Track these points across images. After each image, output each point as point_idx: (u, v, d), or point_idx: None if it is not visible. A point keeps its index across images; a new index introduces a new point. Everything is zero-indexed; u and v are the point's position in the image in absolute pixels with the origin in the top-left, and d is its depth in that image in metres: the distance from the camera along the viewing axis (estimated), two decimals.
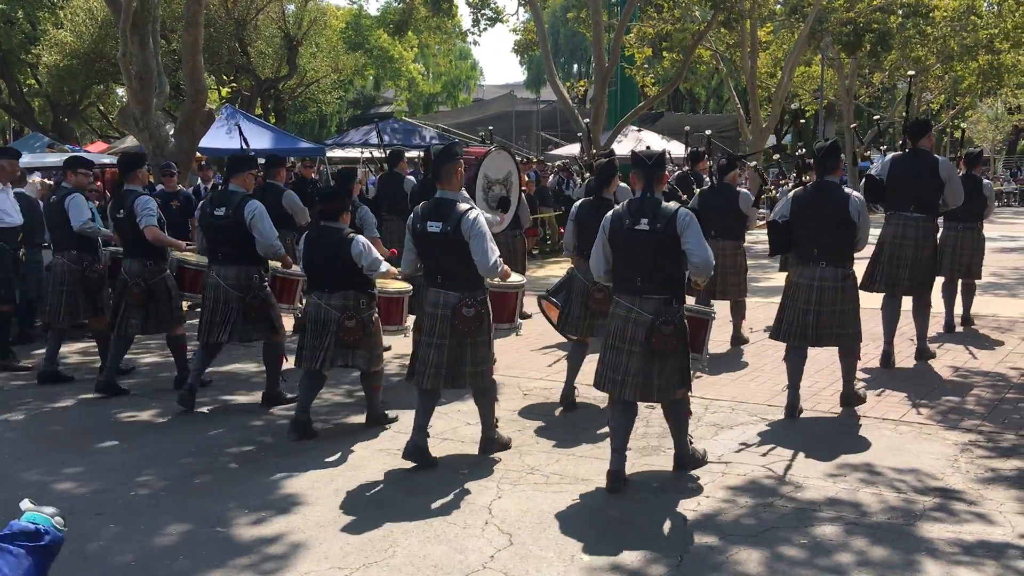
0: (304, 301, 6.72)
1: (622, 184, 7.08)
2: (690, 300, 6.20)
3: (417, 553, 4.17)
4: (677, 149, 25.12)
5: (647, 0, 21.07)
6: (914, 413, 6.37)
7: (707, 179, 9.08)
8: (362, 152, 20.69)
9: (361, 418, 6.38)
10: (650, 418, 6.33)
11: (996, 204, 13.75)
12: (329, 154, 22.72)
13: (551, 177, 19.82)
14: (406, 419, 5.98)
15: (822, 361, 7.89)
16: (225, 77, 27.87)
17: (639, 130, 24.65)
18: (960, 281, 9.27)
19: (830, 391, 6.94)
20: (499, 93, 43.26)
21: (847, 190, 6.32)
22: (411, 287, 6.51)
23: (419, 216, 5.37)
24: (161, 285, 7.13)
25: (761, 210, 11.17)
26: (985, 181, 9.35)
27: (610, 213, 5.17)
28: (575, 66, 55.36)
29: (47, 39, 25.89)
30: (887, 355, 7.76)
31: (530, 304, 7.90)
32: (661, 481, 5.10)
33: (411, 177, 10.02)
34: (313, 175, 14.77)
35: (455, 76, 59.03)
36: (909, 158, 7.69)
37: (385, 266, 5.97)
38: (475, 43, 52.41)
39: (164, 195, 10.46)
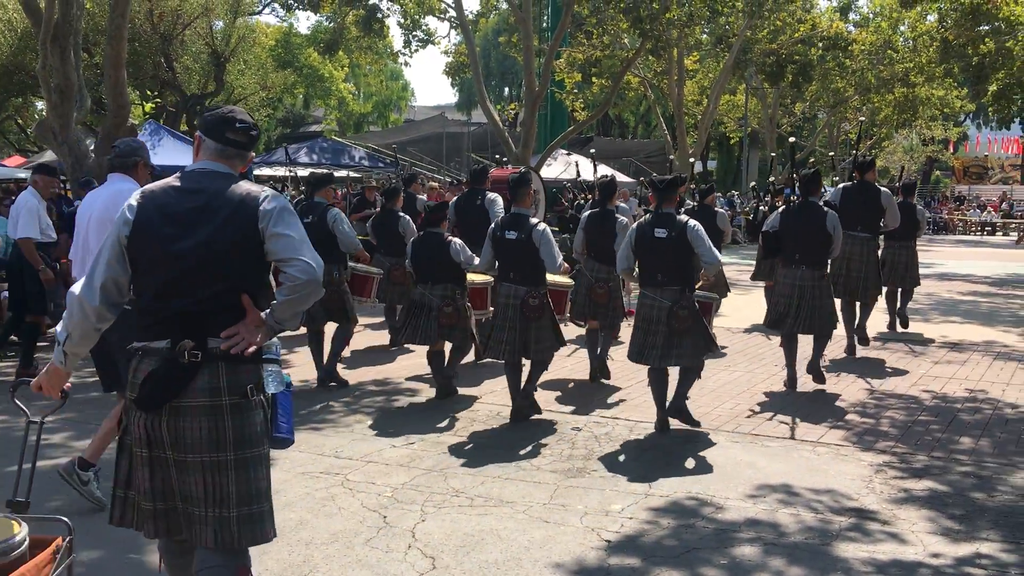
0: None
1: (622, 204, 9.20)
2: None
3: None
4: (602, 171, 25.35)
5: (577, 26, 21.38)
6: (831, 434, 6.53)
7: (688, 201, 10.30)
8: (289, 171, 20.48)
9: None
10: (575, 439, 6.36)
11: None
12: (256, 172, 22.41)
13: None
14: (311, 442, 5.86)
15: (742, 384, 8.04)
16: (149, 92, 27.30)
17: (568, 153, 24.86)
18: (899, 290, 10.72)
19: (747, 413, 7.09)
20: (430, 114, 43.32)
21: (825, 208, 7.63)
22: (492, 279, 7.55)
23: (499, 226, 6.78)
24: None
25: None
26: (919, 207, 10.81)
27: (635, 225, 6.65)
28: (506, 89, 55.76)
29: None
30: (850, 347, 9.36)
31: None
32: (584, 502, 5.12)
33: (423, 197, 11.57)
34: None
35: (386, 96, 58.88)
36: (858, 188, 9.26)
37: (478, 260, 7.17)
38: (406, 64, 52.48)
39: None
